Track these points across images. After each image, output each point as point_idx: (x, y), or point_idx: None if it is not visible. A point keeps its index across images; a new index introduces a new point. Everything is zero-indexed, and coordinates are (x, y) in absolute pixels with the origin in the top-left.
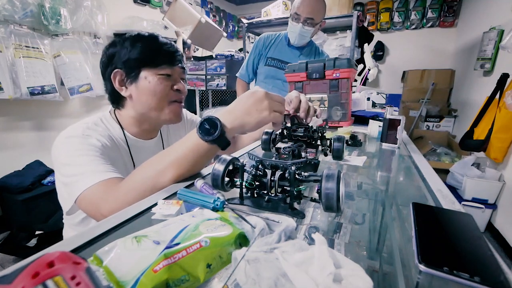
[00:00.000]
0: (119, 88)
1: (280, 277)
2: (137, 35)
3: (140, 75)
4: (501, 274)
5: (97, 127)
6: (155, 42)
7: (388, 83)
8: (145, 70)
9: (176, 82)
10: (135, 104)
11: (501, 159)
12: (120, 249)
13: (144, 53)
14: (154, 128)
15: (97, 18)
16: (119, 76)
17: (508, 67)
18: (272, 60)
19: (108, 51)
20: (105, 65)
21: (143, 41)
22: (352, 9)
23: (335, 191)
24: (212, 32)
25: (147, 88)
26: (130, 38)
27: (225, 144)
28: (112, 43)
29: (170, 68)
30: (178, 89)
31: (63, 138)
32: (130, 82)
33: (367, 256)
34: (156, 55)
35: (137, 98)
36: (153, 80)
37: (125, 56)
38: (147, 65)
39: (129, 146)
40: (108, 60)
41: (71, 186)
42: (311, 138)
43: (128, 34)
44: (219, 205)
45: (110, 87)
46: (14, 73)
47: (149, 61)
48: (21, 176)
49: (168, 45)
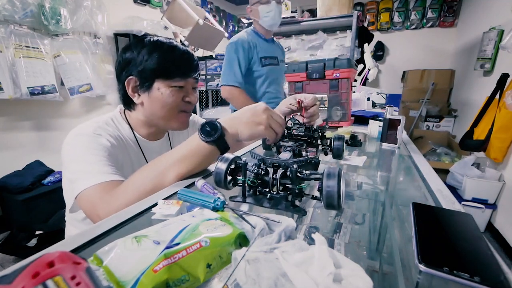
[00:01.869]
0: (132, 95)
1: (280, 277)
2: (155, 43)
3: (154, 85)
4: (501, 274)
5: (108, 127)
6: (171, 53)
7: (388, 83)
8: (158, 81)
9: (188, 93)
10: (145, 110)
11: (501, 159)
12: (120, 249)
13: (159, 65)
14: (161, 131)
15: (97, 18)
16: (133, 83)
17: (508, 67)
18: (266, 59)
19: (125, 55)
20: (121, 68)
21: (160, 51)
22: (352, 9)
23: (336, 188)
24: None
25: (159, 99)
26: (148, 46)
27: (224, 147)
28: (129, 47)
29: (184, 80)
30: (189, 101)
31: (74, 136)
32: (143, 91)
33: (367, 256)
34: (170, 67)
35: (148, 106)
36: (166, 92)
37: (141, 65)
38: (161, 77)
39: (141, 146)
40: (124, 64)
41: (74, 182)
42: (311, 137)
43: (147, 39)
44: (219, 205)
45: (123, 90)
46: (14, 73)
47: (163, 73)
48: (21, 176)
49: (186, 56)
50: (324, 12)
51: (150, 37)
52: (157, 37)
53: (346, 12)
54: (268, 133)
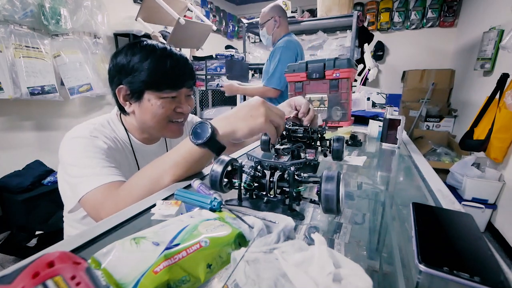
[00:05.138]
0: (123, 103)
1: (279, 277)
2: (147, 50)
3: (144, 96)
4: (501, 274)
5: (104, 129)
6: (163, 64)
7: (388, 83)
8: (149, 93)
9: (180, 103)
10: (137, 119)
11: (501, 159)
12: (119, 251)
13: (149, 77)
14: (155, 137)
15: (97, 18)
16: (123, 91)
17: (508, 67)
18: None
19: (116, 60)
20: (112, 75)
21: (151, 61)
22: (352, 9)
23: (334, 193)
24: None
25: (149, 110)
26: (139, 53)
27: (217, 148)
28: (120, 51)
29: (175, 91)
30: (181, 112)
31: (70, 138)
32: (134, 100)
33: (367, 256)
34: (160, 79)
35: (138, 115)
36: (156, 103)
37: (130, 74)
38: (151, 88)
39: (134, 149)
40: (115, 71)
41: (76, 187)
42: (310, 139)
43: (140, 44)
44: (216, 205)
45: (115, 96)
46: (14, 73)
47: (153, 85)
48: (21, 176)
49: (179, 65)
50: (324, 12)
51: (144, 42)
52: (151, 42)
53: (346, 12)
54: (269, 127)
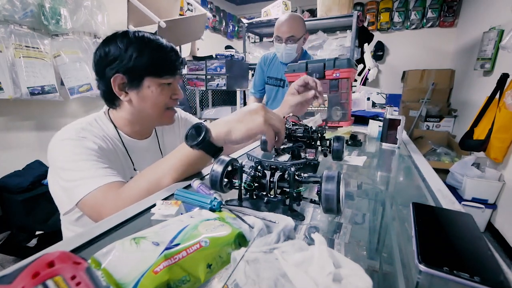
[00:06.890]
0: (118, 93)
1: (279, 277)
2: (143, 39)
3: (143, 83)
4: (501, 274)
5: (92, 127)
6: (161, 50)
7: (388, 83)
8: (148, 79)
9: (175, 90)
10: (133, 108)
11: (501, 159)
12: (119, 251)
13: (151, 62)
14: (146, 128)
15: (97, 18)
16: (119, 80)
17: (508, 67)
18: (270, 79)
19: (108, 50)
20: (103, 64)
21: (149, 48)
22: (352, 9)
23: (335, 193)
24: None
25: (149, 97)
26: (135, 43)
27: (212, 150)
28: (110, 40)
29: (172, 77)
30: (176, 98)
31: (58, 141)
32: (131, 89)
33: (367, 256)
34: (161, 65)
35: (136, 104)
36: (156, 90)
37: (129, 63)
38: (151, 74)
39: (125, 146)
40: (107, 60)
41: (71, 191)
42: (310, 138)
43: (131, 34)
44: (216, 205)
45: (105, 87)
46: (14, 73)
47: (154, 71)
48: (21, 176)
49: (173, 52)
50: (324, 12)
51: (135, 32)
52: (142, 32)
53: (346, 12)
54: (267, 129)
